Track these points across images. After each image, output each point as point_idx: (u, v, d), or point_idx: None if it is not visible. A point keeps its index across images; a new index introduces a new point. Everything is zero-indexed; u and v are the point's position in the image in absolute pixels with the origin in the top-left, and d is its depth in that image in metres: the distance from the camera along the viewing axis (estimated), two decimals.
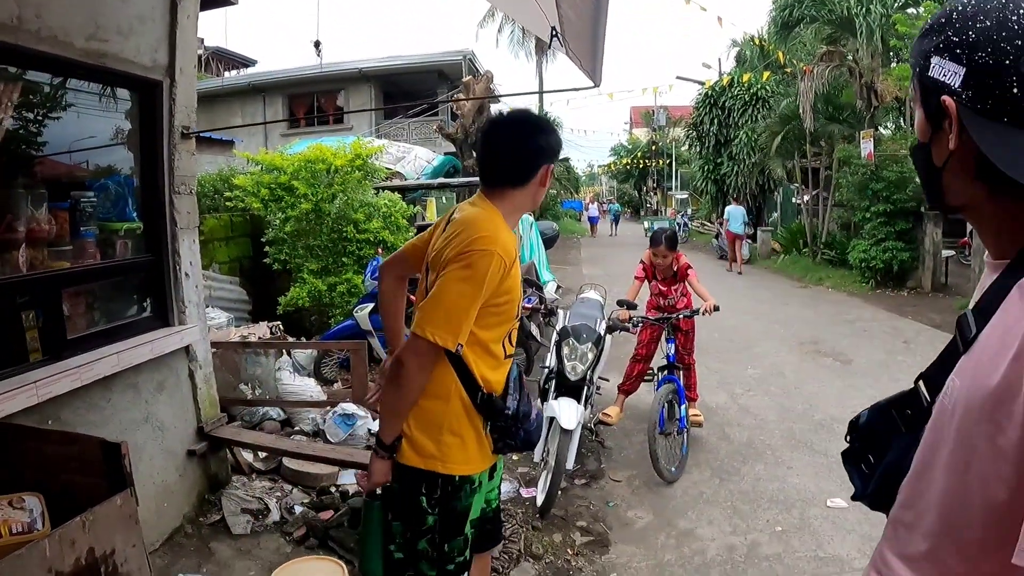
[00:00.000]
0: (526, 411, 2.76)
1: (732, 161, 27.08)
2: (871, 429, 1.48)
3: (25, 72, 3.84)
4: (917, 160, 1.39)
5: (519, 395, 2.77)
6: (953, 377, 1.27)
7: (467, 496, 2.71)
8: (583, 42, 3.69)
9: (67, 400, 3.80)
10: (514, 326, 2.75)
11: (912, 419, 1.38)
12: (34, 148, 4.06)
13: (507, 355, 2.76)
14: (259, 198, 9.48)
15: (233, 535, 4.72)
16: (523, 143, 2.67)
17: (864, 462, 1.49)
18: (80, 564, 2.04)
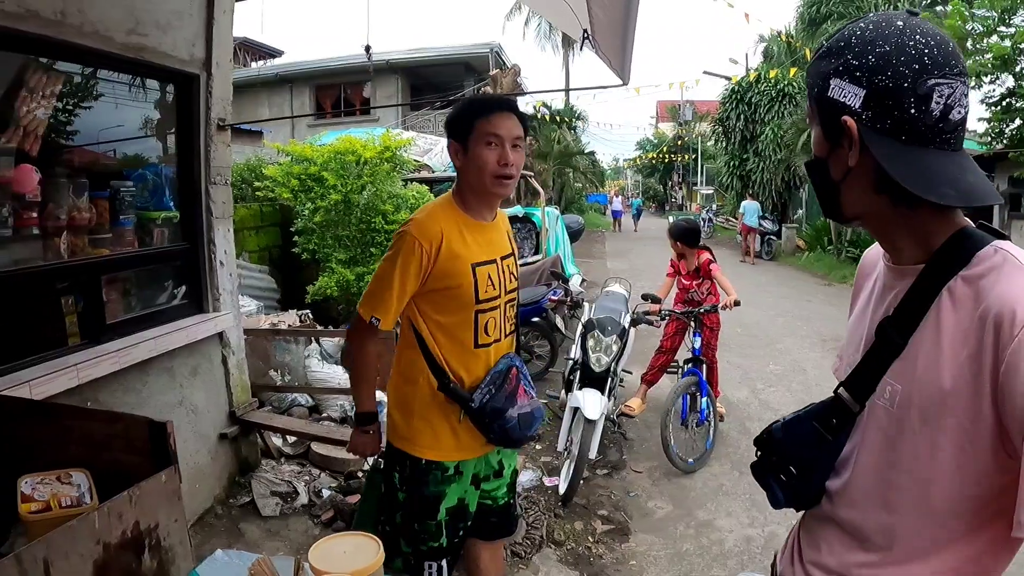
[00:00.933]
0: (496, 408, 2.66)
1: (758, 157, 26.85)
2: (794, 441, 1.56)
3: (66, 65, 3.94)
4: (814, 174, 1.46)
5: (494, 390, 2.68)
6: (889, 381, 1.39)
7: (436, 482, 2.73)
8: (613, 41, 3.74)
9: (105, 383, 3.92)
10: (491, 315, 2.70)
11: (838, 427, 1.49)
12: (75, 139, 4.17)
13: (479, 343, 2.70)
14: (289, 188, 9.55)
15: (262, 516, 4.84)
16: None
17: (783, 472, 1.57)
18: (126, 536, 2.13)
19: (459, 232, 2.62)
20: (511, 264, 2.81)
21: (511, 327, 2.85)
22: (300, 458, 5.62)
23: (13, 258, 3.63)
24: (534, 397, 2.84)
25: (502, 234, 2.84)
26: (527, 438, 2.83)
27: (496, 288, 2.69)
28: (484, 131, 2.54)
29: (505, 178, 2.57)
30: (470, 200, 2.70)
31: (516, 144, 2.59)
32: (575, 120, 36.65)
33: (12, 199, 3.53)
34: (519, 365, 2.82)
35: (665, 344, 7.03)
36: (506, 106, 2.62)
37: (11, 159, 3.53)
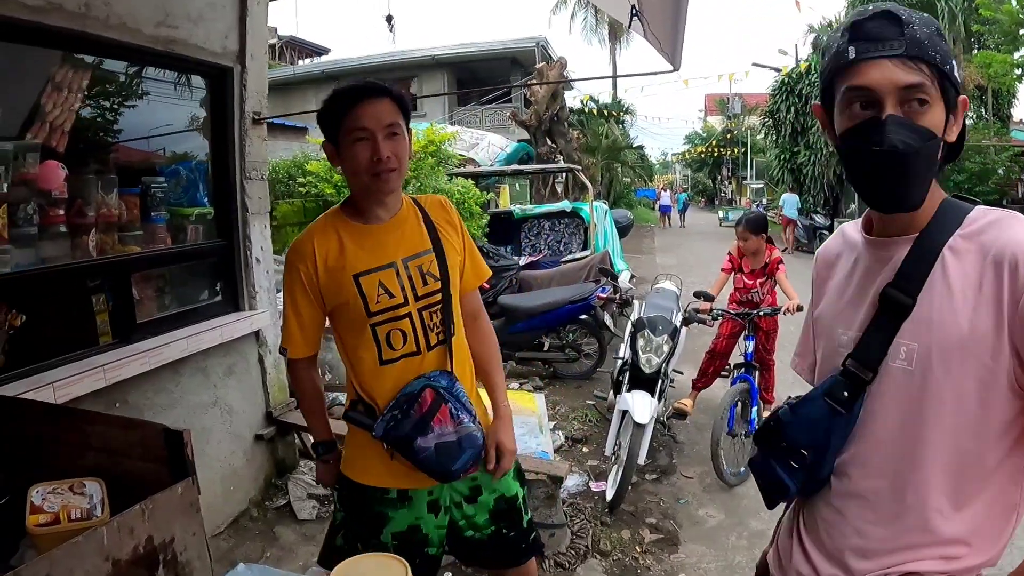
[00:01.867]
0: (399, 436, 2.33)
1: (809, 150, 26.45)
2: (805, 422, 1.59)
3: (94, 59, 3.88)
4: (931, 154, 1.41)
5: (399, 415, 2.35)
6: (904, 342, 1.46)
7: (376, 503, 2.50)
8: (663, 22, 3.56)
9: (135, 383, 3.85)
10: (395, 325, 2.40)
11: (850, 399, 1.52)
12: (104, 134, 4.12)
13: (385, 359, 2.41)
14: (332, 184, 9.53)
15: (298, 520, 4.75)
16: None
17: (795, 458, 1.59)
18: (138, 552, 2.02)
19: (337, 243, 2.41)
20: (427, 263, 2.44)
21: (438, 337, 2.47)
22: None
23: (40, 256, 3.56)
24: (464, 423, 2.39)
25: (411, 231, 2.49)
26: (452, 473, 2.38)
27: (396, 295, 2.39)
28: (350, 126, 2.29)
29: (384, 172, 2.31)
30: (359, 202, 2.46)
31: (393, 131, 2.32)
32: (623, 114, 36.52)
33: (38, 196, 3.46)
34: (443, 385, 2.42)
35: (718, 346, 6.73)
36: (372, 92, 2.34)
37: (37, 155, 3.46)
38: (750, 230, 6.36)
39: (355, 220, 2.44)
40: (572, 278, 9.24)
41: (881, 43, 1.37)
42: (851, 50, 1.39)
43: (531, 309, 8.13)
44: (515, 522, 2.69)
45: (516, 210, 13.03)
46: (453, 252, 2.53)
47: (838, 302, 1.65)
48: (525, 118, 21.16)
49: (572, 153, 21.13)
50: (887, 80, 1.36)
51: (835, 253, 1.74)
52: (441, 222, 2.55)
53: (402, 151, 2.34)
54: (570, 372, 8.46)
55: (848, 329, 1.58)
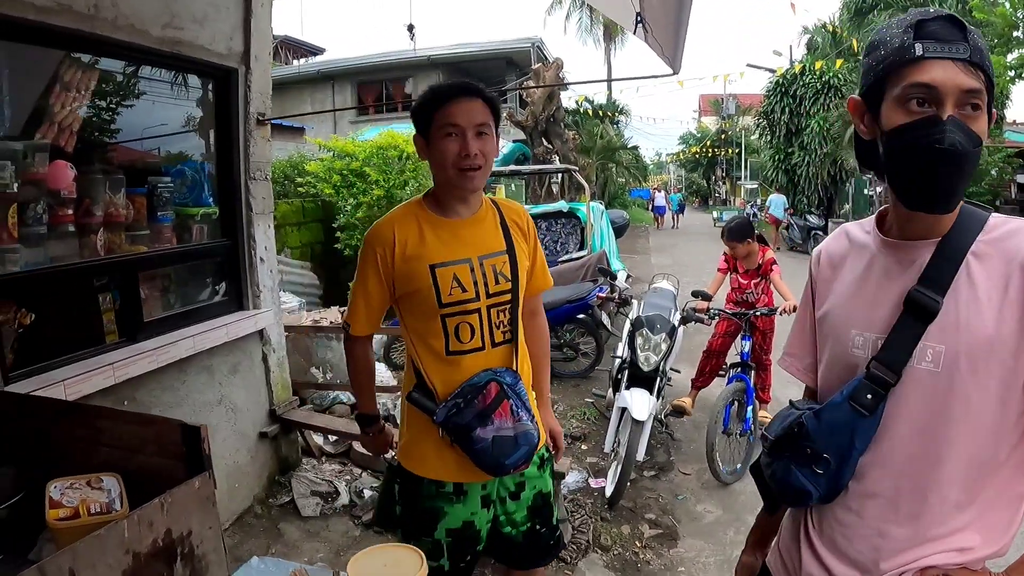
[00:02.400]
0: (460, 424, 2.39)
1: (803, 151, 26.44)
2: (830, 427, 1.57)
3: (101, 60, 3.90)
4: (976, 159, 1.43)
5: (462, 404, 2.41)
6: (930, 344, 1.47)
7: (431, 497, 2.54)
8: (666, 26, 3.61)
9: (143, 381, 3.88)
10: (464, 319, 2.46)
11: (874, 402, 1.51)
12: (111, 135, 4.15)
13: (451, 351, 2.47)
14: (331, 184, 9.57)
15: (302, 517, 4.78)
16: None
17: (818, 464, 1.57)
18: (157, 545, 2.05)
19: (418, 232, 2.46)
20: (500, 263, 2.51)
21: (504, 335, 2.54)
22: (341, 457, 5.55)
23: (49, 255, 3.58)
24: (523, 421, 2.44)
25: (488, 231, 2.56)
26: (504, 467, 2.42)
27: (469, 290, 2.45)
28: (442, 121, 2.36)
29: (469, 170, 2.37)
30: (441, 196, 2.53)
31: (481, 132, 2.39)
32: (618, 115, 36.53)
33: (47, 195, 3.49)
34: (508, 382, 2.47)
35: (714, 345, 6.80)
36: (466, 91, 2.41)
37: (46, 155, 3.47)
38: (735, 240, 6.47)
39: (436, 213, 2.50)
40: (569, 278, 9.26)
41: (948, 45, 1.38)
42: (918, 47, 1.39)
43: None
44: (547, 519, 2.75)
45: None
46: (524, 257, 2.59)
47: (849, 303, 1.65)
48: (521, 119, 21.19)
49: (568, 154, 21.16)
50: (951, 81, 1.37)
51: (839, 254, 1.74)
52: (515, 228, 2.61)
53: (489, 151, 2.42)
54: (568, 371, 8.49)
55: (865, 331, 1.58)
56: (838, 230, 1.84)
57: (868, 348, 1.56)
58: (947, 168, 1.39)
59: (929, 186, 1.43)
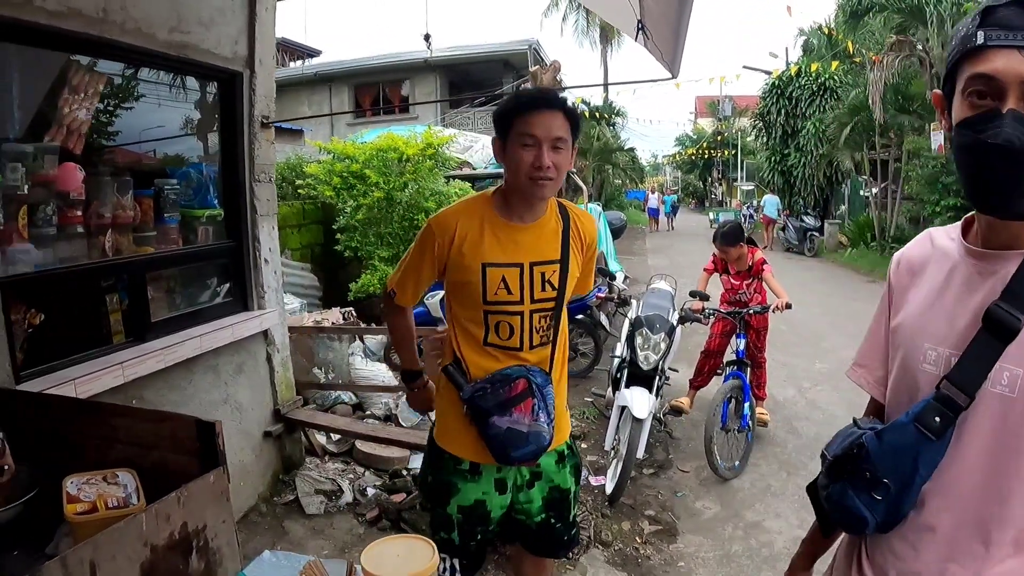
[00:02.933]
0: (482, 407, 2.49)
1: (799, 152, 26.52)
2: (892, 450, 1.43)
3: (109, 64, 3.95)
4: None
5: (489, 389, 2.50)
6: (1007, 367, 1.32)
7: (449, 472, 2.65)
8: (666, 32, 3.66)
9: (151, 381, 3.92)
10: (506, 319, 2.54)
11: (942, 425, 1.37)
12: (119, 137, 4.18)
13: (489, 342, 2.56)
14: (331, 186, 9.59)
15: (307, 515, 4.83)
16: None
17: (877, 489, 1.44)
18: (174, 538, 2.10)
19: (479, 229, 2.52)
20: (550, 271, 2.55)
21: (542, 339, 2.60)
22: (344, 456, 5.60)
23: (58, 256, 3.63)
24: (539, 421, 2.50)
25: (547, 238, 2.59)
26: (510, 459, 2.51)
27: (514, 293, 2.51)
28: (520, 130, 2.40)
29: (541, 179, 2.42)
30: (509, 199, 2.57)
31: (557, 145, 2.42)
32: (614, 116, 36.52)
33: (56, 197, 3.53)
34: (538, 382, 2.54)
35: (712, 346, 6.85)
36: (548, 103, 2.44)
37: (55, 157, 3.52)
38: (728, 244, 6.50)
39: (500, 213, 2.56)
40: None
41: (1013, 31, 1.25)
42: (980, 35, 1.28)
43: None
44: (563, 514, 2.80)
45: None
46: (575, 267, 2.64)
47: (925, 314, 1.51)
48: None
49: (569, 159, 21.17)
50: (1013, 70, 1.25)
51: (921, 260, 1.59)
52: (576, 239, 2.65)
53: (563, 164, 2.46)
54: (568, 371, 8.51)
55: (938, 345, 1.45)
56: (922, 234, 1.67)
57: (940, 365, 1.43)
58: (1004, 167, 1.27)
59: (987, 186, 1.32)
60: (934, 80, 17.45)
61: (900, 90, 19.03)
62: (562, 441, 2.72)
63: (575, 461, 2.83)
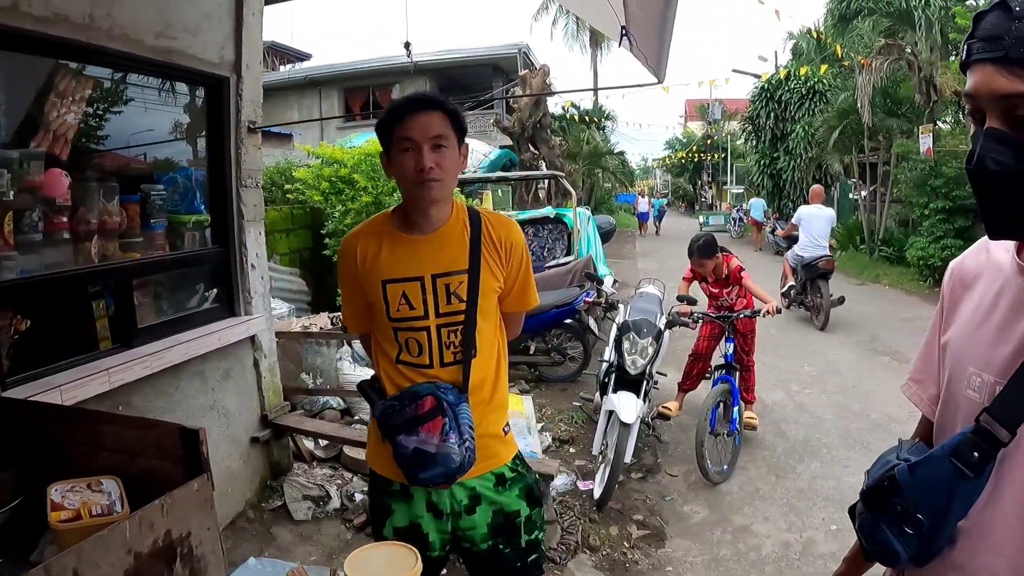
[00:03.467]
0: (389, 424, 2.37)
1: (788, 155, 26.59)
2: (926, 485, 1.34)
3: (95, 69, 3.95)
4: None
5: (397, 406, 2.39)
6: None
7: (383, 493, 2.56)
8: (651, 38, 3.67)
9: (138, 387, 3.92)
10: (413, 335, 2.44)
11: (981, 461, 1.27)
12: (105, 143, 4.18)
13: (400, 360, 2.47)
14: (319, 191, 9.58)
15: (294, 521, 4.82)
16: None
17: (909, 523, 1.35)
18: (158, 545, 2.09)
19: (377, 246, 2.46)
20: (455, 282, 2.43)
21: (455, 356, 2.46)
22: (332, 461, 5.59)
23: (44, 262, 3.62)
24: (449, 442, 2.32)
25: (451, 247, 2.47)
26: (417, 480, 2.35)
27: (417, 308, 2.42)
28: (399, 136, 2.33)
29: (428, 182, 2.32)
30: (406, 211, 2.48)
31: (439, 144, 2.33)
32: (604, 120, 36.59)
33: (42, 203, 3.52)
34: (450, 400, 2.38)
35: (699, 348, 6.87)
36: (421, 104, 2.36)
37: (41, 163, 3.51)
38: (704, 257, 6.47)
39: (399, 227, 2.48)
40: (556, 283, 9.31)
41: (989, 42, 1.16)
42: (966, 49, 1.21)
43: None
44: (513, 540, 2.61)
45: None
46: (490, 278, 2.49)
47: (974, 334, 1.39)
48: (508, 124, 21.23)
49: (555, 159, 21.22)
50: (986, 87, 1.17)
51: (975, 272, 1.47)
52: (490, 246, 2.51)
53: (448, 163, 2.36)
54: (556, 375, 8.56)
55: (983, 371, 1.33)
56: (979, 242, 1.51)
57: (984, 393, 1.31)
58: (986, 191, 1.21)
59: (983, 212, 1.24)
60: (922, 83, 17.52)
61: (889, 93, 19.09)
62: (500, 463, 2.55)
63: (525, 483, 2.63)
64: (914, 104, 18.31)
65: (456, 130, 2.40)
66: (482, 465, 2.47)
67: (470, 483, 2.50)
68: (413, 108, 2.35)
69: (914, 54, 17.63)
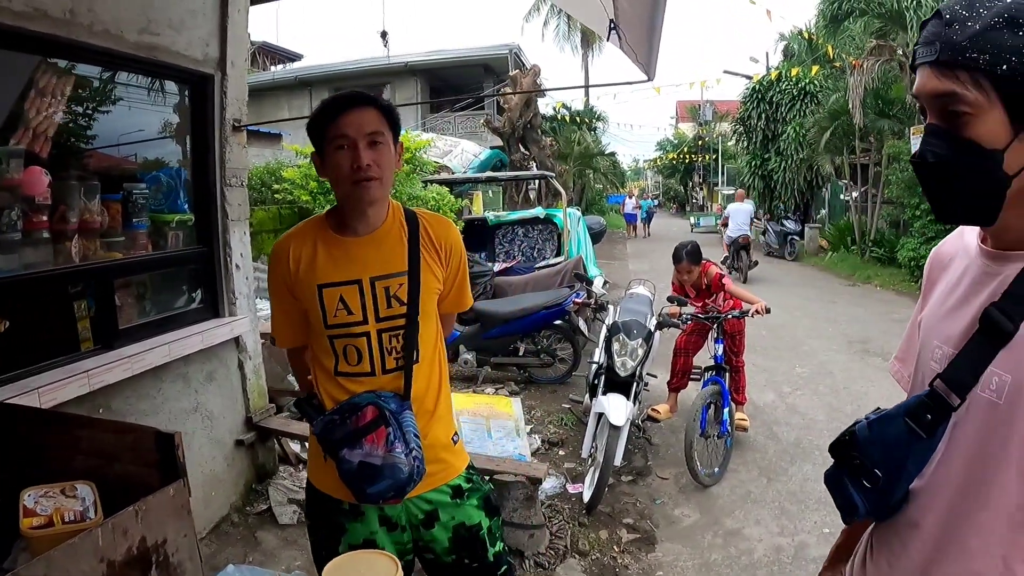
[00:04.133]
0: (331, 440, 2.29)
1: (780, 156, 26.62)
2: (882, 442, 1.42)
3: (77, 66, 3.89)
4: (977, 169, 1.25)
5: (337, 420, 2.31)
6: (996, 371, 1.28)
7: (334, 513, 2.46)
8: (640, 33, 3.64)
9: (118, 389, 3.86)
10: (351, 342, 2.36)
11: (933, 423, 1.35)
12: (86, 141, 4.12)
13: (339, 371, 2.39)
14: (308, 191, 9.54)
15: (280, 525, 4.76)
16: None
17: (867, 478, 1.43)
18: (132, 553, 2.04)
19: (312, 249, 2.38)
20: (395, 285, 2.36)
21: (397, 362, 2.38)
22: None
23: (23, 262, 3.56)
24: (395, 452, 2.24)
25: (388, 249, 2.40)
26: (366, 496, 2.25)
27: (356, 313, 2.34)
28: (332, 135, 2.26)
29: (364, 180, 2.25)
30: (342, 213, 2.41)
31: (375, 140, 2.27)
32: (595, 121, 36.60)
33: (22, 202, 3.46)
34: (392, 409, 2.30)
35: (680, 343, 6.82)
36: (355, 101, 2.30)
37: (20, 161, 3.45)
38: (692, 263, 6.43)
39: (334, 230, 2.40)
40: (546, 284, 9.29)
41: (926, 47, 1.27)
42: (912, 54, 1.31)
43: (506, 315, 8.18)
44: (478, 554, 2.55)
45: (490, 216, 13.04)
46: (431, 278, 2.43)
47: (939, 310, 1.50)
48: (498, 125, 21.22)
49: (545, 160, 21.22)
50: (924, 88, 1.28)
51: (948, 255, 1.57)
52: (429, 247, 2.45)
53: (384, 160, 2.29)
54: (545, 377, 8.52)
55: (944, 344, 1.42)
56: (958, 228, 1.59)
57: (943, 363, 1.40)
58: (928, 182, 1.31)
59: (929, 200, 1.35)
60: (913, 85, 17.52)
61: (880, 94, 19.11)
62: (454, 474, 2.50)
63: (482, 492, 2.57)
64: (905, 105, 18.34)
65: (391, 127, 2.34)
66: (435, 477, 2.42)
67: (427, 495, 2.44)
68: (347, 105, 2.29)
69: (905, 55, 17.64)
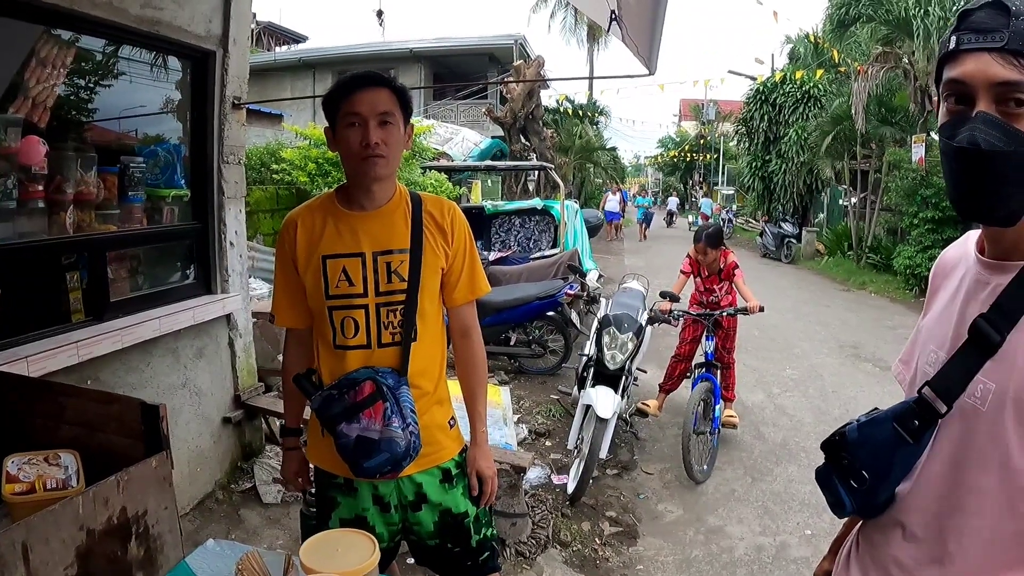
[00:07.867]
0: (329, 415, 2.33)
1: (780, 159, 26.57)
2: (870, 444, 1.45)
3: (79, 38, 3.87)
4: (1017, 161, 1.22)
5: (336, 395, 2.35)
6: (982, 380, 1.30)
7: (328, 487, 2.55)
8: (641, 26, 3.63)
9: (107, 361, 3.86)
10: (349, 314, 2.40)
11: (920, 429, 1.38)
12: (85, 113, 4.11)
13: (338, 344, 2.42)
14: (306, 172, 9.53)
15: (264, 504, 4.78)
16: None
17: (855, 478, 1.47)
18: (112, 523, 2.05)
19: (320, 221, 2.44)
20: (396, 261, 2.41)
21: (394, 337, 2.43)
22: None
23: (17, 231, 3.55)
24: (392, 427, 2.29)
25: (392, 226, 2.45)
26: (363, 469, 2.30)
27: (356, 285, 2.40)
28: (345, 112, 2.33)
29: (372, 157, 2.31)
30: (349, 188, 2.48)
31: (385, 120, 2.33)
32: (597, 115, 36.53)
33: (18, 171, 3.45)
34: (389, 384, 2.35)
35: (682, 351, 6.83)
36: (370, 81, 2.36)
37: (18, 130, 3.44)
38: (710, 245, 6.44)
39: (342, 205, 2.46)
40: (540, 275, 9.29)
41: (983, 34, 1.23)
42: (953, 40, 1.28)
43: (499, 304, 8.17)
44: (462, 540, 2.61)
45: (488, 206, 13.02)
46: (433, 257, 2.47)
47: (938, 317, 1.51)
48: (500, 115, 21.21)
49: (546, 152, 21.21)
50: (981, 74, 1.23)
51: (951, 262, 1.57)
52: (432, 226, 2.49)
53: (393, 140, 2.35)
54: (535, 367, 8.53)
55: (938, 349, 1.45)
56: (964, 235, 1.60)
57: (936, 368, 1.42)
58: (973, 170, 1.25)
59: (961, 191, 1.31)
60: (918, 92, 17.53)
61: (883, 101, 19.10)
62: (447, 457, 2.55)
63: (466, 482, 2.62)
64: (908, 113, 18.33)
65: (402, 109, 2.39)
66: (428, 458, 2.47)
67: (417, 478, 2.49)
68: (361, 84, 2.34)
69: (911, 63, 17.64)
